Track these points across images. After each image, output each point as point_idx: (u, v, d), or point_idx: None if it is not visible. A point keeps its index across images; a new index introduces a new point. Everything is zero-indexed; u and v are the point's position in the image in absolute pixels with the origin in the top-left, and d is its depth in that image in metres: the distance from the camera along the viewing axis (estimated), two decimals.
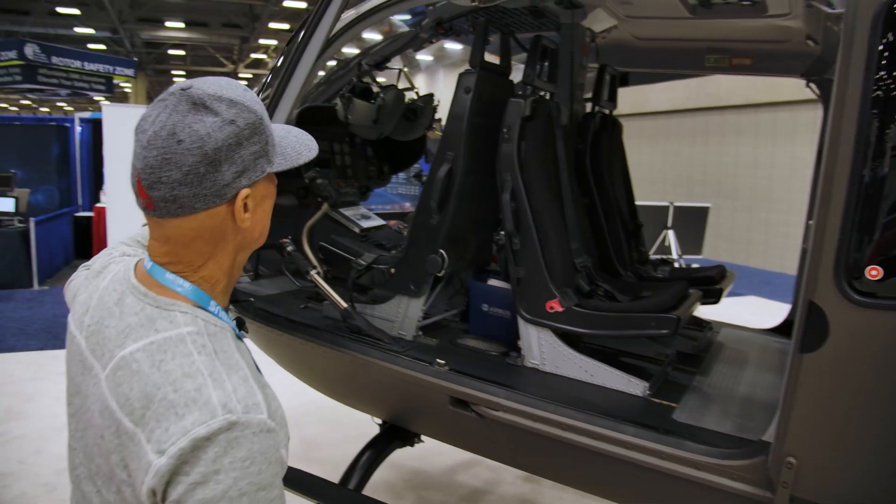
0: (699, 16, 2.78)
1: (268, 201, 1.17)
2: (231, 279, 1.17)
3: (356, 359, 2.69)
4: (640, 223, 3.61)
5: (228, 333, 1.10)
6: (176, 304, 1.08)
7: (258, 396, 1.00)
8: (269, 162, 1.12)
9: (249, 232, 1.14)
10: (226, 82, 1.10)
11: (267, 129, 1.11)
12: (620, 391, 2.38)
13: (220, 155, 1.04)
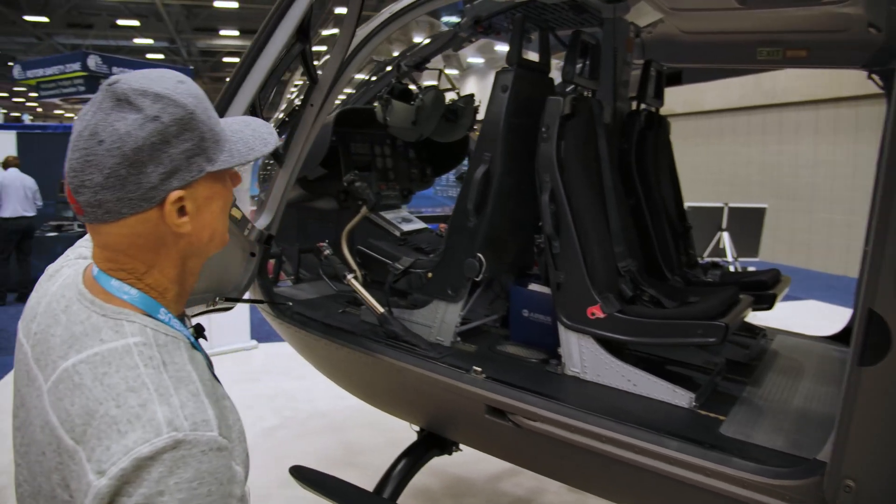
0: (749, 6, 2.64)
1: (216, 202, 1.06)
2: (183, 287, 1.10)
3: (392, 365, 2.64)
4: (688, 225, 3.46)
5: (182, 343, 1.02)
6: (123, 313, 1.00)
7: (208, 412, 0.93)
8: (208, 160, 1.02)
9: (195, 237, 1.05)
10: (158, 74, 1.01)
11: (202, 125, 1.00)
12: (665, 402, 2.26)
13: (142, 155, 0.95)
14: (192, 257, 1.08)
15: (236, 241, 2.67)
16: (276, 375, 6.00)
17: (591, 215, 2.54)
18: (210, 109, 1.03)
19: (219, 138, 1.04)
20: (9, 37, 24.58)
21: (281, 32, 2.31)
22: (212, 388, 1.00)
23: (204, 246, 1.09)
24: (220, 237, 1.11)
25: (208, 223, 1.06)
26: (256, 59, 2.24)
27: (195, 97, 1.01)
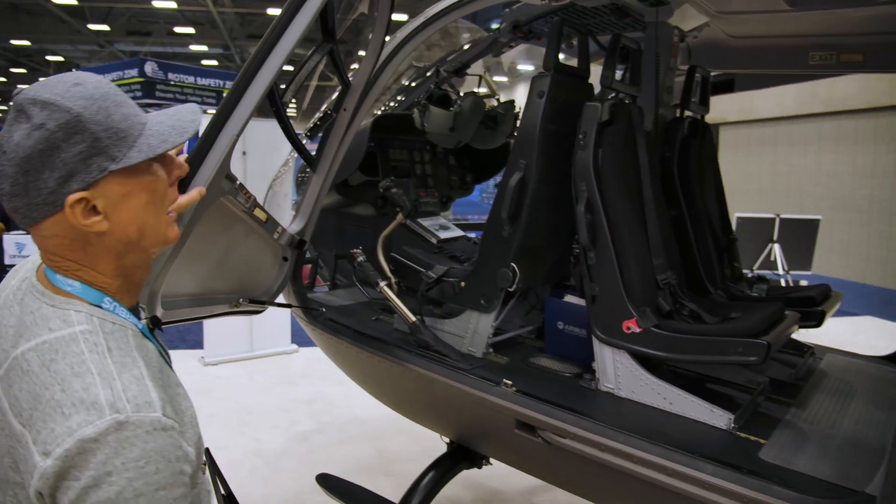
0: (800, 8, 2.52)
1: (136, 198, 1.07)
2: (130, 280, 1.14)
3: (422, 375, 2.59)
4: (733, 237, 3.32)
5: (129, 332, 1.07)
6: (71, 303, 1.05)
7: (152, 395, 0.97)
8: (111, 159, 1.02)
9: (119, 234, 1.07)
10: (56, 80, 1.03)
11: (94, 126, 1.00)
12: (702, 422, 2.16)
13: (34, 163, 0.98)
14: (129, 253, 1.10)
15: (264, 243, 2.66)
16: (315, 380, 6.01)
17: (629, 226, 2.45)
18: (111, 109, 1.03)
19: (123, 135, 1.04)
20: (74, 45, 25.46)
21: (299, 21, 2.23)
22: (160, 375, 1.05)
23: (136, 242, 1.10)
24: (154, 232, 1.12)
25: (131, 219, 1.07)
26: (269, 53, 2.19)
27: (87, 99, 1.01)
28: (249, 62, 2.13)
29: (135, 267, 1.14)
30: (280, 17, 2.17)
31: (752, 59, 3.27)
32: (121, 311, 1.10)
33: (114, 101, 1.04)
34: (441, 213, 3.83)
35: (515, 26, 3.18)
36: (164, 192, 1.12)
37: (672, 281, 2.59)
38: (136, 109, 1.09)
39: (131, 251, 1.11)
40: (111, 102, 1.04)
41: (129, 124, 1.05)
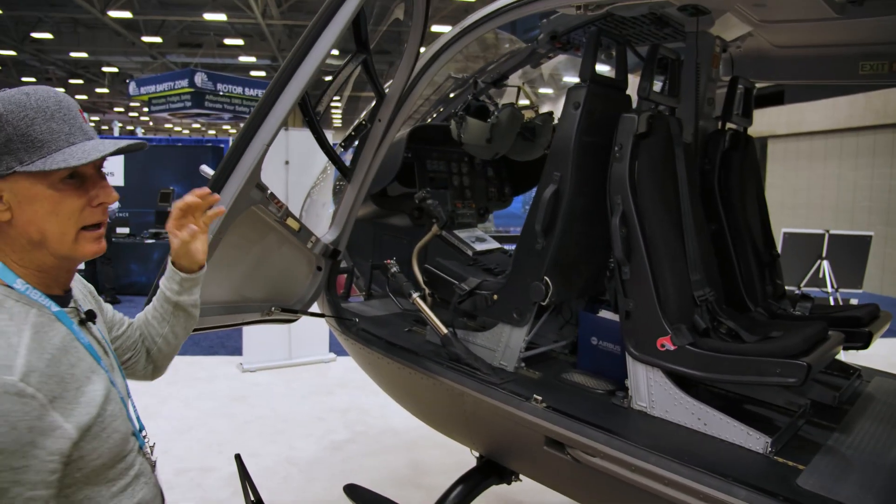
0: (848, 15, 2.43)
1: (38, 204, 1.17)
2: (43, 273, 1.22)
3: (452, 388, 2.57)
4: (776, 253, 3.22)
5: (32, 310, 1.16)
6: None
7: (16, 360, 1.06)
8: (17, 160, 1.14)
9: (21, 229, 1.17)
10: (17, 89, 1.18)
11: (10, 129, 1.13)
12: (738, 445, 2.07)
13: None
14: (35, 251, 1.20)
15: (298, 252, 2.67)
16: (351, 389, 6.02)
17: (666, 240, 2.39)
18: (38, 121, 1.15)
19: (39, 145, 1.15)
20: (128, 56, 26.24)
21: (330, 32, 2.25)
22: (55, 353, 1.14)
23: (38, 243, 1.19)
24: (58, 242, 1.20)
25: (31, 221, 1.17)
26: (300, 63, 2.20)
27: (17, 105, 1.15)
28: (280, 73, 2.14)
29: (48, 266, 1.22)
30: (310, 28, 2.18)
31: (798, 69, 3.17)
32: (33, 293, 1.19)
33: (47, 115, 1.17)
34: (481, 225, 3.80)
35: (553, 37, 3.14)
36: (72, 209, 1.19)
37: (710, 297, 2.51)
38: (73, 128, 1.19)
39: (36, 249, 1.20)
40: (42, 116, 1.16)
41: (50, 138, 1.16)
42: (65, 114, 1.19)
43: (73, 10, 20.10)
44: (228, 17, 20.75)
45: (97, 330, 1.32)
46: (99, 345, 1.30)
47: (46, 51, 25.33)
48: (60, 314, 1.21)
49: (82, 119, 1.23)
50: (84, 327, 1.28)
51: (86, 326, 1.29)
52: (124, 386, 1.36)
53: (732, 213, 2.95)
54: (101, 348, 1.30)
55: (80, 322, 1.28)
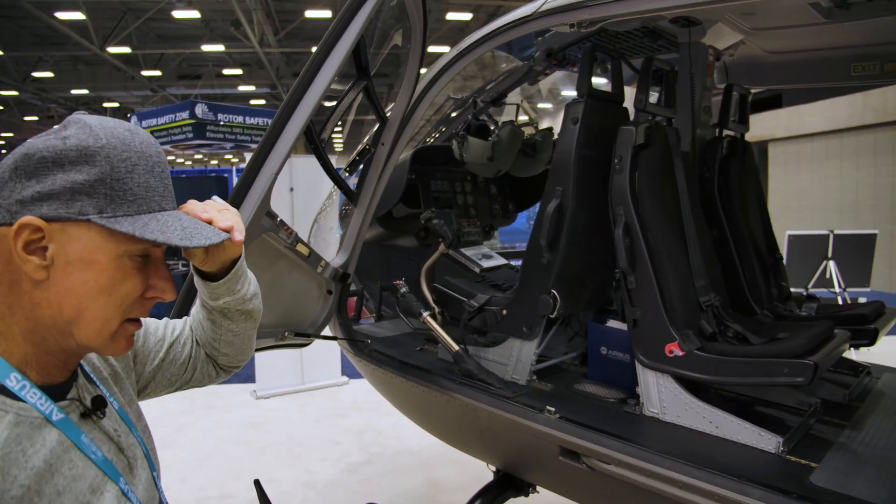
0: (836, 20, 2.48)
1: (91, 272, 0.90)
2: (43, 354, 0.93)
3: (466, 404, 2.60)
4: (779, 256, 3.25)
5: (8, 417, 0.86)
6: None
7: None
8: (97, 208, 0.88)
9: (53, 298, 0.89)
10: (118, 121, 0.94)
11: (106, 166, 0.88)
12: (750, 446, 2.10)
13: (28, 164, 0.87)
14: (52, 330, 0.91)
15: (308, 277, 2.72)
16: (364, 412, 6.04)
17: (669, 248, 2.43)
18: (139, 169, 0.91)
19: (130, 198, 0.90)
20: (128, 91, 26.54)
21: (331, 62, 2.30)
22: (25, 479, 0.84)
23: (66, 323, 0.91)
24: (91, 327, 0.92)
25: (74, 292, 0.89)
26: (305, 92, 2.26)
27: (123, 142, 0.91)
28: (285, 103, 2.20)
29: (58, 349, 0.94)
30: (313, 59, 2.25)
31: (791, 73, 3.23)
32: (30, 393, 0.90)
33: (148, 165, 0.92)
34: (487, 243, 3.85)
35: (549, 54, 3.21)
36: (128, 294, 0.94)
37: (715, 302, 2.55)
38: (165, 194, 0.95)
39: (55, 329, 0.91)
40: (144, 165, 0.92)
41: (144, 194, 0.92)
42: (162, 170, 0.95)
43: (73, 47, 20.39)
44: (226, 47, 21.01)
45: (111, 420, 1.03)
46: (111, 441, 1.00)
47: (48, 89, 25.65)
48: (61, 422, 0.92)
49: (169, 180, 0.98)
50: (90, 420, 0.98)
51: (92, 418, 0.99)
52: (149, 480, 1.07)
53: (733, 219, 2.99)
54: (115, 445, 1.01)
55: (83, 415, 0.98)
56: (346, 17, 2.26)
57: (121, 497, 0.96)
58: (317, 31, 21.70)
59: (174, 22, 20.08)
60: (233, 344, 1.36)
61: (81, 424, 0.96)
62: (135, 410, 1.15)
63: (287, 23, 20.31)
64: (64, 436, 0.91)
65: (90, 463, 0.93)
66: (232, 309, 1.28)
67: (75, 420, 0.95)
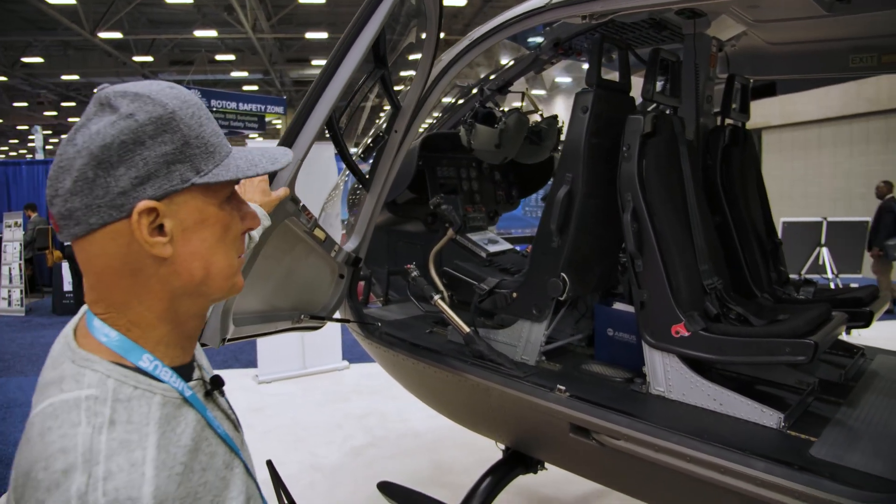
0: (837, 13, 2.56)
1: (209, 229, 0.93)
2: (181, 329, 0.97)
3: (478, 384, 2.68)
4: (778, 241, 3.35)
5: (156, 399, 0.89)
6: (90, 360, 0.88)
7: (143, 489, 0.79)
8: (195, 170, 0.89)
9: (181, 266, 0.92)
10: (148, 82, 0.92)
11: (185, 128, 0.89)
12: (752, 422, 2.20)
13: (111, 154, 0.85)
14: (185, 297, 0.94)
15: (323, 261, 2.79)
16: (366, 395, 6.14)
17: (675, 233, 2.52)
18: (203, 119, 0.92)
19: (212, 149, 0.92)
20: (120, 77, 26.38)
21: (352, 56, 2.37)
22: (188, 457, 0.88)
23: (198, 283, 0.94)
24: (222, 276, 0.96)
25: (198, 253, 0.92)
26: (328, 82, 2.33)
27: (181, 100, 0.91)
28: (311, 91, 2.27)
29: (189, 315, 0.97)
30: (337, 48, 2.31)
31: (791, 64, 3.31)
32: (164, 372, 0.92)
33: (207, 114, 0.94)
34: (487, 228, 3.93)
35: (556, 44, 3.27)
36: (236, 235, 0.98)
37: (718, 286, 2.64)
38: (222, 133, 0.97)
39: (188, 294, 0.94)
40: (205, 113, 0.93)
41: (218, 141, 0.94)
42: (210, 114, 0.95)
43: (63, 32, 20.25)
44: (219, 32, 20.89)
45: (224, 399, 1.07)
46: (228, 419, 1.04)
47: (37, 75, 25.45)
48: (192, 398, 0.95)
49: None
50: (210, 399, 1.02)
51: (213, 397, 1.03)
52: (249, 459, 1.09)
53: (735, 205, 3.08)
54: (231, 423, 1.05)
55: (206, 394, 1.02)
56: (368, 10, 2.32)
57: (245, 471, 0.99)
58: (310, 16, 21.68)
59: (166, 7, 19.99)
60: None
61: (206, 403, 0.99)
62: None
63: (280, 8, 20.24)
64: (199, 414, 0.94)
65: (220, 440, 0.96)
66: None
67: (201, 399, 0.98)
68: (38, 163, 15.30)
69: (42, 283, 13.42)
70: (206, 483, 0.89)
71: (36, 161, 16.18)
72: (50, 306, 11.43)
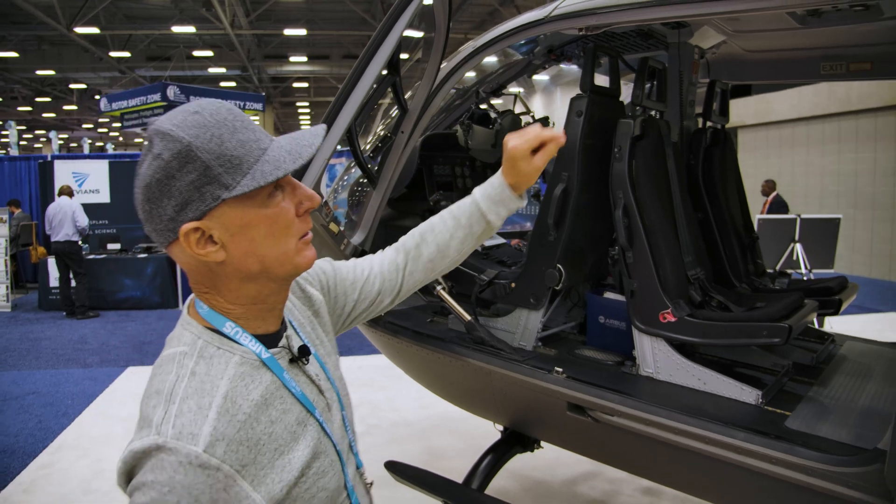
0: (809, 26, 2.79)
1: (254, 229, 1.06)
2: (257, 307, 1.13)
3: (480, 368, 2.87)
4: (755, 236, 3.60)
5: (234, 358, 1.07)
6: (190, 325, 1.10)
7: (204, 428, 0.97)
8: (223, 187, 1.02)
9: (238, 264, 1.07)
10: (180, 109, 1.05)
11: (204, 154, 1.01)
12: (733, 399, 2.42)
13: (153, 191, 1.02)
14: (253, 283, 1.10)
15: (332, 254, 2.97)
16: (357, 387, 6.29)
17: (662, 228, 2.73)
18: (224, 135, 1.03)
19: (237, 162, 1.03)
20: (96, 72, 26.15)
21: (373, 67, 2.59)
22: (246, 409, 1.04)
23: (258, 273, 1.09)
24: (279, 263, 1.10)
25: (249, 251, 1.07)
26: (352, 91, 2.54)
27: (200, 128, 1.02)
28: (337, 98, 2.48)
29: (263, 295, 1.12)
30: (361, 58, 2.53)
31: (766, 70, 3.54)
32: (243, 337, 1.09)
33: (230, 127, 1.03)
34: None
35: (550, 50, 3.48)
36: (287, 223, 1.09)
37: (701, 276, 2.87)
38: (257, 135, 1.06)
39: (253, 281, 1.09)
40: (226, 129, 1.03)
41: (244, 151, 1.04)
42: (242, 121, 1.06)
43: (38, 27, 20.02)
44: (197, 28, 20.79)
45: (313, 366, 1.22)
46: (313, 384, 1.20)
47: (11, 69, 25.15)
48: (269, 360, 1.11)
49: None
50: (297, 365, 1.18)
51: (299, 364, 1.19)
52: (341, 422, 1.26)
53: (716, 202, 3.32)
54: (316, 387, 1.20)
55: (292, 360, 1.17)
56: (389, 23, 2.52)
57: (320, 430, 1.16)
58: (288, 13, 21.69)
59: (143, 2, 19.84)
60: (447, 257, 1.59)
61: (289, 369, 1.15)
62: (333, 361, 1.35)
63: (258, 4, 20.20)
64: (276, 376, 1.11)
65: (296, 400, 1.13)
66: (492, 225, 1.56)
67: (284, 364, 1.14)
68: (20, 158, 15.15)
69: (26, 280, 13.40)
70: (272, 434, 1.05)
71: (18, 157, 16.01)
72: (35, 302, 11.45)
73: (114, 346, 8.45)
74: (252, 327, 1.12)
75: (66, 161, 13.19)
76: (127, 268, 11.01)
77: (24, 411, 6.05)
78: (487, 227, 1.55)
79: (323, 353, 1.31)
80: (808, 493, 2.02)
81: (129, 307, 10.86)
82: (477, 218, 1.54)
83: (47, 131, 34.71)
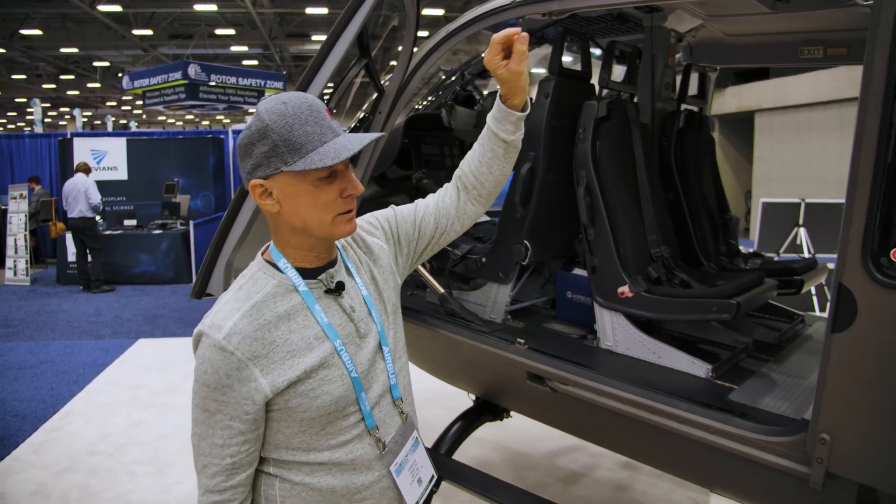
0: (779, 10, 2.83)
1: (300, 198, 1.35)
2: (304, 251, 1.42)
3: (451, 339, 2.99)
4: (729, 216, 3.67)
5: (273, 281, 1.40)
6: (257, 260, 1.47)
7: (228, 322, 1.32)
8: (283, 162, 1.31)
9: (287, 218, 1.38)
10: (275, 97, 1.36)
11: (275, 136, 1.30)
12: (684, 372, 2.52)
13: (241, 150, 1.37)
14: (299, 234, 1.41)
15: None
16: None
17: (624, 206, 2.82)
18: (295, 126, 1.31)
19: (298, 147, 1.31)
20: (119, 50, 26.41)
21: (340, 45, 2.69)
22: (268, 317, 1.35)
23: (302, 229, 1.39)
24: (317, 228, 1.38)
25: (295, 212, 1.37)
26: (319, 69, 2.66)
27: (279, 115, 1.31)
28: (301, 82, 2.58)
29: (309, 243, 1.42)
30: (324, 44, 2.62)
31: (747, 54, 3.58)
32: (288, 269, 1.41)
33: (302, 119, 1.31)
34: None
35: (529, 33, 3.55)
36: (328, 201, 1.35)
37: (665, 254, 2.96)
38: (322, 129, 1.32)
39: (300, 234, 1.39)
40: (298, 121, 1.31)
41: (306, 140, 1.30)
42: (315, 117, 1.33)
43: (62, 5, 20.19)
44: (219, 6, 20.87)
45: (349, 299, 1.48)
46: (344, 313, 1.46)
47: (36, 47, 25.42)
48: (300, 288, 1.41)
49: (329, 119, 1.36)
50: (332, 296, 1.45)
51: (333, 296, 1.45)
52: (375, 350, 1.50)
53: (687, 183, 3.39)
54: (347, 316, 1.46)
55: (327, 291, 1.45)
56: (352, 8, 2.62)
57: (333, 351, 1.40)
58: None
59: None
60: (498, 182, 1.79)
61: (322, 297, 1.44)
62: (392, 306, 1.62)
63: None
64: (304, 302, 1.41)
65: (316, 323, 1.41)
66: (515, 145, 1.73)
67: (318, 294, 1.44)
68: (40, 136, 15.43)
69: (45, 255, 13.74)
70: (287, 340, 1.35)
71: (38, 134, 16.28)
72: (54, 276, 11.76)
73: (126, 319, 8.70)
74: (299, 262, 1.44)
75: (85, 139, 13.45)
76: (142, 243, 11.25)
77: (38, 379, 6.30)
78: (505, 145, 1.71)
79: (374, 295, 1.59)
80: (741, 460, 2.12)
81: (143, 282, 11.12)
82: (490, 138, 1.72)
83: (71, 109, 35.15)
